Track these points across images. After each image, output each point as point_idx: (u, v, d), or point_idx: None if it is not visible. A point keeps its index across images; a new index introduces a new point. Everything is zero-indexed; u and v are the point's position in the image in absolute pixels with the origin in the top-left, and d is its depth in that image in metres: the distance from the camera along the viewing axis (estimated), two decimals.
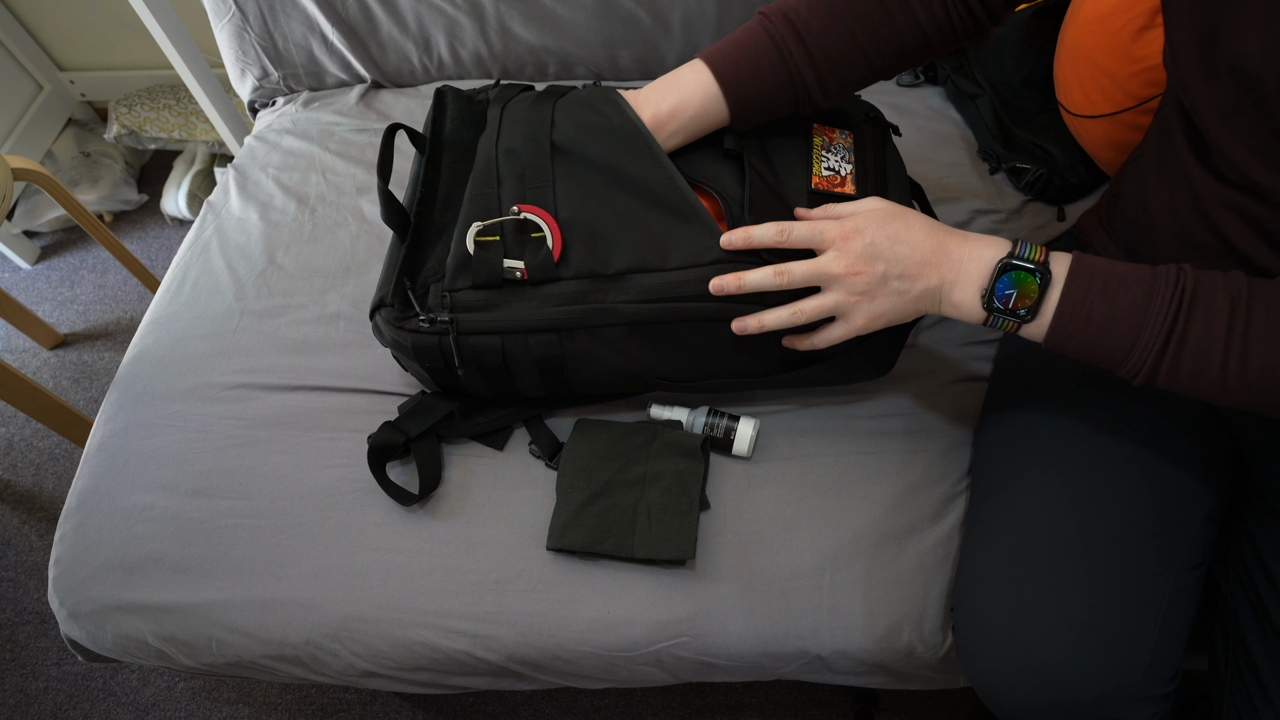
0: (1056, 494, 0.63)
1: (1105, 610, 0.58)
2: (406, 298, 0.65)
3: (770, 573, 0.70)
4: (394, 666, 0.70)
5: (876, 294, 0.57)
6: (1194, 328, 0.49)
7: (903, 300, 0.58)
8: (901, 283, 0.57)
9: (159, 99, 1.60)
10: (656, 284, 0.63)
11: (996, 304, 0.55)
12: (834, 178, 0.66)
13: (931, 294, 0.57)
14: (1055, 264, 0.54)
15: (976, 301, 0.56)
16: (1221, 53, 0.49)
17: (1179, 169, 0.58)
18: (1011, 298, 0.55)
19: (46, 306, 1.51)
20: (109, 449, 0.78)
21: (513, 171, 0.67)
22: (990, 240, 0.57)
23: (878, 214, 0.58)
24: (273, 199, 0.97)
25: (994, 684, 0.60)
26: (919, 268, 0.56)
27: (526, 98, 0.74)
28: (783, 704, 1.09)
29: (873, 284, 0.57)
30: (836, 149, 0.68)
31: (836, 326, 0.61)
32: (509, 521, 0.72)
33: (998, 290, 0.55)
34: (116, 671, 1.13)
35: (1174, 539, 0.60)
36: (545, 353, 0.66)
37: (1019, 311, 0.55)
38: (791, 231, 0.59)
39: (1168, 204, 0.60)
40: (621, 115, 0.66)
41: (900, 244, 0.56)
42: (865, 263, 0.56)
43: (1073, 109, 0.89)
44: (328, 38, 1.05)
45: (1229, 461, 0.66)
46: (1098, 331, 0.53)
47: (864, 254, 0.56)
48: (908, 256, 0.56)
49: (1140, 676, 0.57)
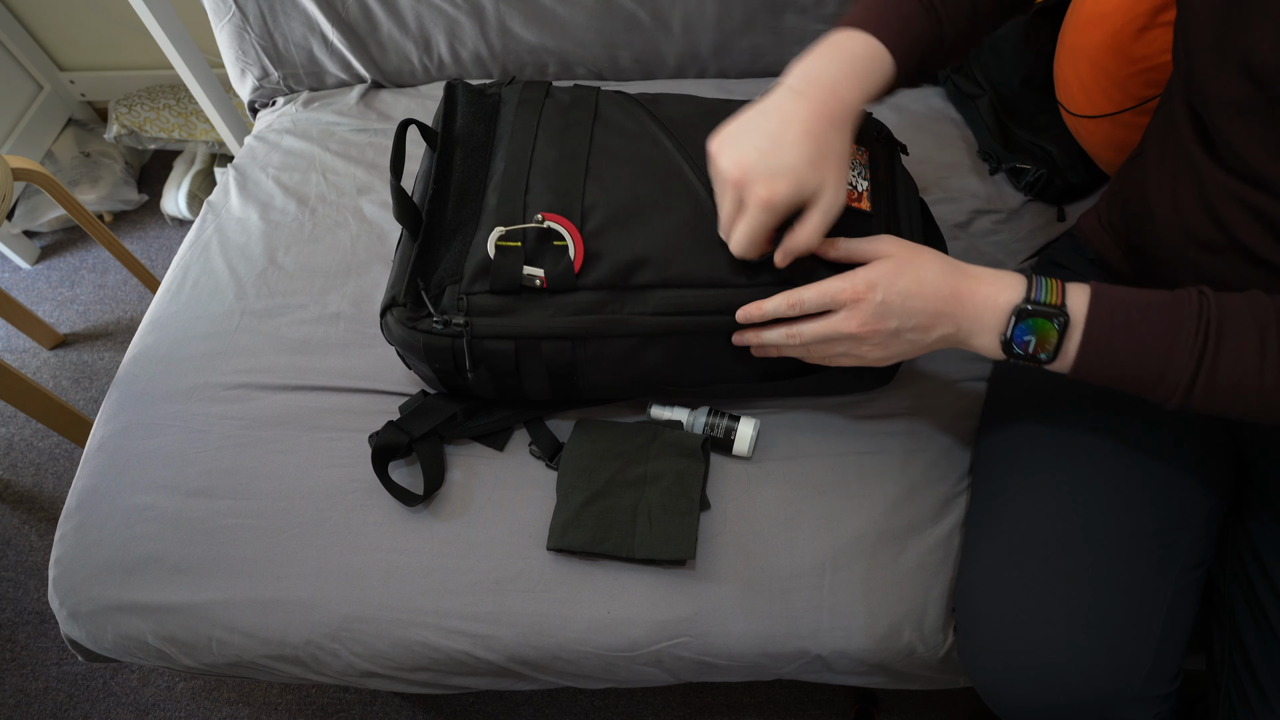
0: (1058, 495, 0.63)
1: (1107, 610, 0.58)
2: (420, 298, 0.65)
3: (770, 573, 0.70)
4: (394, 666, 0.70)
5: (890, 344, 0.58)
6: (1224, 357, 0.49)
7: (917, 346, 0.58)
8: (915, 334, 0.57)
9: (159, 99, 1.60)
10: (675, 298, 0.63)
11: (1017, 350, 0.55)
12: (851, 192, 0.66)
13: (948, 339, 0.58)
14: (1073, 299, 0.53)
15: (997, 346, 0.56)
16: (1237, 50, 0.49)
17: (1185, 163, 0.58)
18: (1031, 343, 0.54)
19: (46, 306, 1.51)
20: (109, 449, 0.78)
21: (544, 182, 0.67)
22: (1006, 281, 0.56)
23: (890, 268, 0.57)
24: (273, 199, 0.97)
25: (996, 684, 0.60)
26: (933, 319, 0.56)
27: (560, 108, 0.73)
28: (783, 704, 1.09)
29: (886, 339, 0.57)
30: (854, 165, 0.67)
31: (848, 358, 0.61)
32: (509, 521, 0.72)
33: (1016, 337, 0.54)
34: (116, 671, 1.13)
35: (1175, 539, 0.60)
36: (557, 359, 0.66)
37: (1039, 355, 0.54)
38: (803, 303, 0.59)
39: (1170, 199, 0.60)
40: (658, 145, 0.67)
41: (913, 299, 0.56)
42: (878, 320, 0.56)
43: (1073, 109, 0.89)
44: (328, 38, 1.05)
45: (1229, 461, 0.66)
46: (1124, 367, 0.52)
47: (876, 313, 0.56)
48: (921, 310, 0.56)
49: (1142, 676, 0.57)
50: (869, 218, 0.66)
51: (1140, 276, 0.68)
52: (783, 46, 1.06)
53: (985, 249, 0.90)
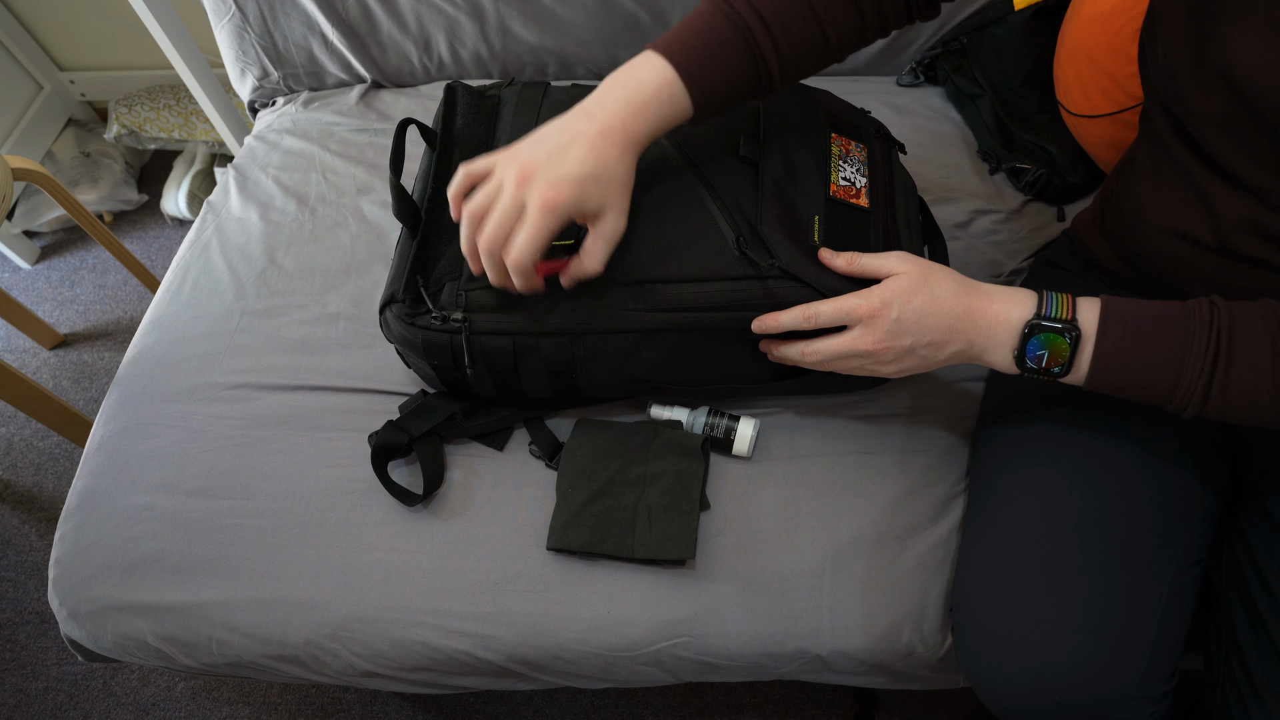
0: (1054, 494, 0.63)
1: (1103, 610, 0.58)
2: (419, 294, 0.65)
3: (770, 573, 0.70)
4: (394, 666, 0.70)
5: (904, 360, 0.59)
6: (1236, 366, 0.50)
7: (930, 362, 0.59)
8: (929, 350, 0.58)
9: (159, 99, 1.60)
10: (673, 294, 0.63)
11: (1029, 364, 0.56)
12: (850, 188, 0.66)
13: (961, 355, 0.59)
14: (1083, 313, 0.54)
15: (1010, 361, 0.57)
16: (1216, 64, 0.50)
17: (1173, 167, 0.59)
18: (1044, 358, 0.55)
19: (46, 306, 1.51)
20: (109, 449, 0.78)
21: None
22: (1017, 298, 0.56)
23: (905, 286, 0.57)
24: (273, 199, 0.97)
25: (993, 684, 0.60)
26: (946, 335, 0.57)
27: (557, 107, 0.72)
28: (783, 704, 1.09)
29: (900, 355, 0.58)
30: (852, 160, 0.68)
31: (861, 370, 0.62)
32: (509, 521, 0.72)
33: (1028, 352, 0.55)
34: (116, 671, 1.13)
35: (1171, 538, 0.61)
36: (555, 355, 0.66)
37: (1052, 369, 0.55)
38: (818, 316, 0.59)
39: (1163, 202, 0.60)
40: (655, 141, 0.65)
41: (926, 317, 0.57)
42: (892, 338, 0.57)
43: (1073, 109, 0.89)
44: (328, 38, 1.05)
45: (1225, 460, 0.66)
46: (1136, 379, 0.53)
47: (891, 330, 0.57)
48: (934, 327, 0.57)
49: (1138, 676, 0.57)
50: (867, 213, 0.66)
51: (1133, 277, 0.68)
52: None
53: (985, 249, 0.90)
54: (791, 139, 0.68)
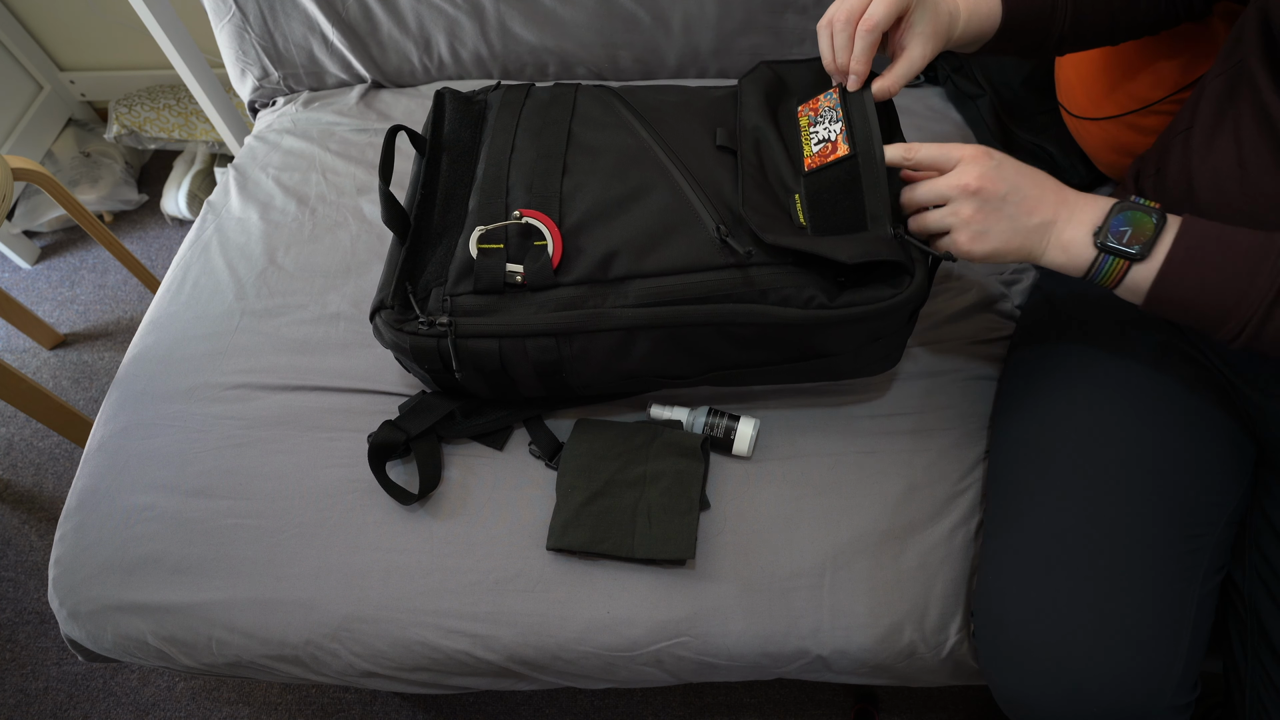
0: (1084, 496, 0.61)
1: (1140, 617, 0.55)
2: (407, 300, 0.66)
3: (770, 572, 0.70)
4: (394, 666, 0.70)
5: (992, 217, 0.57)
6: None
7: (1013, 230, 0.57)
8: (1017, 211, 0.56)
9: (159, 99, 1.60)
10: (654, 288, 0.63)
11: (1110, 241, 0.54)
12: (826, 147, 0.65)
13: (1043, 229, 0.57)
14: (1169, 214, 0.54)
15: (1088, 239, 0.55)
16: None
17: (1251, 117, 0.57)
18: (1126, 234, 0.54)
19: (46, 306, 1.51)
20: (109, 449, 0.78)
21: (523, 182, 0.68)
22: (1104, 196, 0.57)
23: (994, 152, 0.58)
24: (273, 199, 0.97)
25: (1020, 693, 0.58)
26: (1037, 201, 0.56)
27: (539, 107, 0.74)
28: (783, 704, 1.09)
29: (995, 204, 0.56)
30: (824, 114, 0.67)
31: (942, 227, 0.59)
32: (509, 521, 0.72)
33: (1113, 226, 0.54)
34: (116, 671, 1.13)
35: (1201, 544, 0.59)
36: (543, 356, 0.66)
37: (1132, 249, 0.53)
38: (918, 150, 0.60)
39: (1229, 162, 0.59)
40: (634, 135, 0.67)
41: (1024, 174, 0.57)
42: (993, 180, 0.56)
43: (1074, 110, 0.89)
44: (328, 38, 1.05)
45: (1249, 462, 0.64)
46: (1211, 272, 0.51)
47: (992, 171, 0.56)
48: (1030, 183, 0.57)
49: (1174, 686, 0.55)
50: (852, 159, 0.63)
51: None
52: (783, 47, 1.06)
53: None
54: (765, 125, 0.69)
